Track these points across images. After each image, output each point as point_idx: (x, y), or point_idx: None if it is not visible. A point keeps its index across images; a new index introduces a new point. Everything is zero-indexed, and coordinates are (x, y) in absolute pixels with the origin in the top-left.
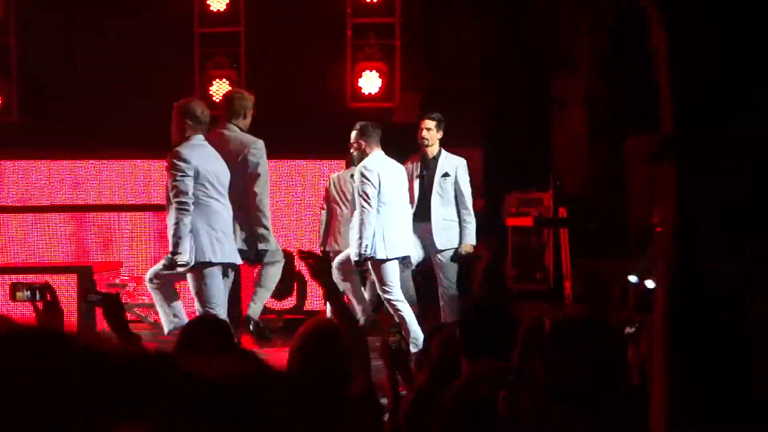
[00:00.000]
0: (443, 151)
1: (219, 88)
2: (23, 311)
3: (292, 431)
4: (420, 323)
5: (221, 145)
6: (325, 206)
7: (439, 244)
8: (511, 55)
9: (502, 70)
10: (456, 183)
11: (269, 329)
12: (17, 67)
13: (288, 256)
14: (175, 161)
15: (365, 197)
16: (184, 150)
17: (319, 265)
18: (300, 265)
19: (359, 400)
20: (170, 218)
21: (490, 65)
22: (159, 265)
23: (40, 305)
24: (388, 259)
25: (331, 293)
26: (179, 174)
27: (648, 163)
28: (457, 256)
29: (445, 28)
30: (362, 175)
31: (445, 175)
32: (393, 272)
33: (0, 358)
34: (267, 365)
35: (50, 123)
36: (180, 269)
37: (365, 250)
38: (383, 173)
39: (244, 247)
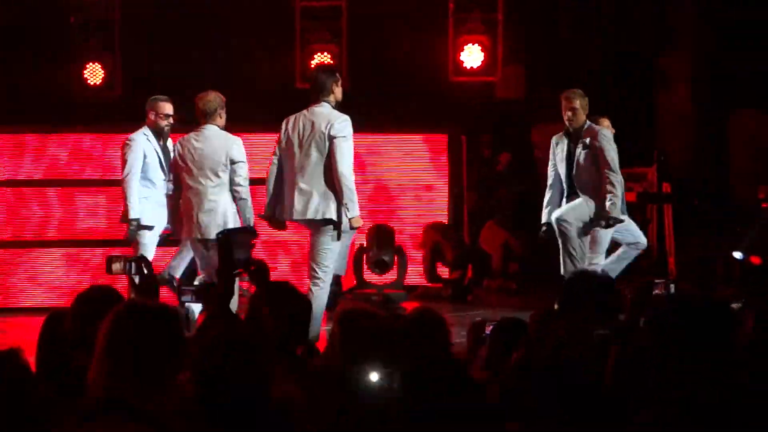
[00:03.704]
0: None
1: (320, 63)
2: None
3: None
4: None
5: None
6: None
7: None
8: (615, 30)
9: (607, 45)
10: None
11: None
12: (120, 43)
13: (389, 231)
14: None
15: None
16: None
17: None
18: (401, 239)
19: None
20: None
21: (594, 40)
22: None
23: (135, 278)
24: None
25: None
26: None
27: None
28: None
29: (548, 3)
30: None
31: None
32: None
33: None
34: None
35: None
36: None
37: None
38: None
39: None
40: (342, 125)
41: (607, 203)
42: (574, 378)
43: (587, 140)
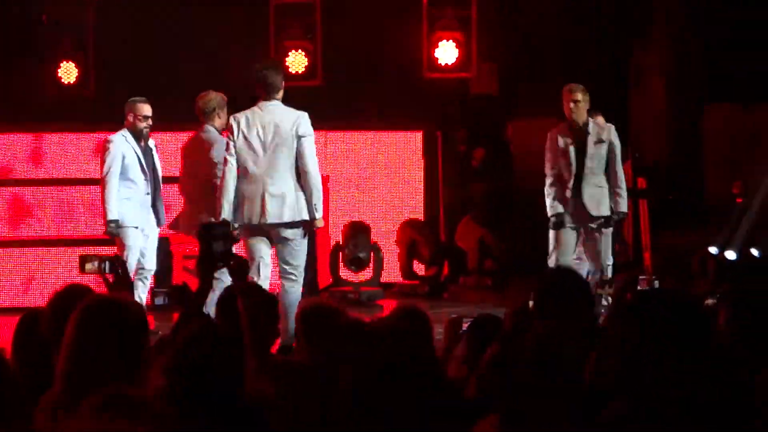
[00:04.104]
0: None
1: (295, 60)
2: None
3: None
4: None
5: None
6: None
7: None
8: (589, 25)
9: (580, 40)
10: None
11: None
12: (93, 41)
13: (365, 228)
14: None
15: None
16: None
17: None
18: (376, 237)
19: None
20: None
21: (568, 35)
22: None
23: (109, 277)
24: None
25: None
26: None
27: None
28: None
29: None
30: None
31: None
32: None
33: None
34: None
35: (126, 96)
36: None
37: None
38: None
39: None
40: (307, 123)
41: (620, 199)
42: (557, 374)
43: (603, 135)
